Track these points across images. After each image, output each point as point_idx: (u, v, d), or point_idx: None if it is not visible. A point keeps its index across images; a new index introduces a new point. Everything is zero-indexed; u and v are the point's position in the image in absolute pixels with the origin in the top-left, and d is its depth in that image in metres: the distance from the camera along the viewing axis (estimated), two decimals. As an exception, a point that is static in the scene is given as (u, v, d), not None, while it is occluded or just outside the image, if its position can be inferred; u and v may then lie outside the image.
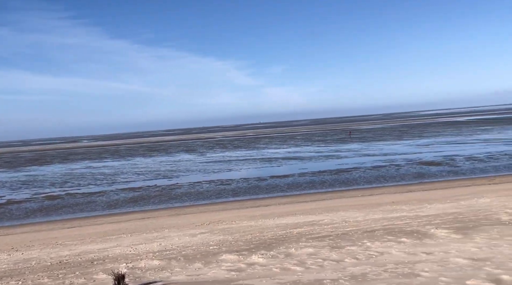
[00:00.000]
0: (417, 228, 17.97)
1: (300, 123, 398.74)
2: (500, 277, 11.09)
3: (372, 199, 30.92)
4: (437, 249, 14.43)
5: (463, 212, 21.20)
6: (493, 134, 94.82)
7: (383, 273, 12.04)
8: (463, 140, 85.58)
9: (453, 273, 11.66)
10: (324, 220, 22.17)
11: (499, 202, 23.63)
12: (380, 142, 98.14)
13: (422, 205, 24.72)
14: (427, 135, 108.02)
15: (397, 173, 48.96)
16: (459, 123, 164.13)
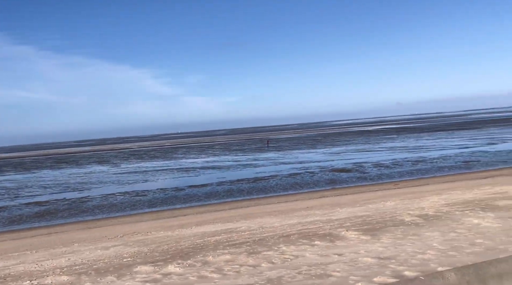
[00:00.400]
0: (330, 231, 18.72)
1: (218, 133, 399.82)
2: (403, 274, 11.87)
3: (288, 205, 31.72)
4: (348, 250, 15.12)
5: (371, 215, 22.48)
6: (398, 143, 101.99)
7: (298, 275, 12.35)
8: (371, 148, 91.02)
9: (362, 271, 12.27)
10: (241, 227, 22.30)
11: (403, 205, 25.39)
12: (296, 151, 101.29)
13: (334, 209, 25.82)
14: (339, 144, 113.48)
15: (312, 180, 50.78)
16: (367, 132, 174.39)
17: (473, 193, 27.77)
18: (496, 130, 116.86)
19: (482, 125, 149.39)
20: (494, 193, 26.78)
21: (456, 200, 25.36)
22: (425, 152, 73.84)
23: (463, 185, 33.86)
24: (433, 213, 21.12)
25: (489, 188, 29.82)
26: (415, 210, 22.42)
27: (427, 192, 31.57)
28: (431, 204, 24.23)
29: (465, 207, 22.06)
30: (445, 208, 22.38)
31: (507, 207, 21.19)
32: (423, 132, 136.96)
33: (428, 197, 27.67)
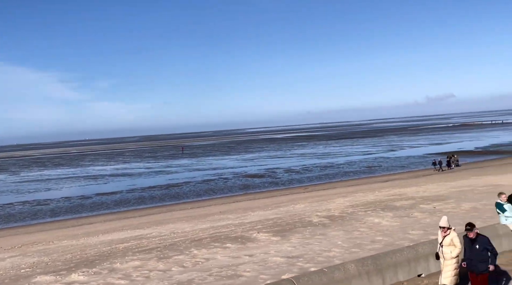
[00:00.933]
0: (242, 233, 18.90)
1: (130, 140, 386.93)
2: (310, 271, 12.32)
3: (201, 211, 31.53)
4: (259, 251, 15.37)
5: (282, 217, 23.08)
6: (308, 149, 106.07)
7: (209, 277, 12.30)
8: (282, 155, 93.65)
9: (271, 270, 12.53)
10: (152, 233, 21.73)
11: (311, 207, 26.39)
12: (210, 157, 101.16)
13: (246, 213, 26.13)
14: (252, 151, 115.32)
15: (225, 185, 50.99)
16: (279, 140, 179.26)
17: (375, 195, 29.67)
18: (395, 138, 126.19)
19: (383, 134, 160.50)
20: (393, 195, 28.84)
21: (359, 201, 26.91)
22: (332, 158, 77.55)
23: (366, 188, 36.04)
24: (338, 214, 22.19)
25: (389, 190, 32.07)
26: (322, 212, 23.40)
27: (334, 194, 33.15)
28: (337, 206, 25.46)
29: (368, 208, 23.47)
30: (350, 209, 23.63)
31: (404, 207, 22.90)
32: (331, 140, 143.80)
33: (335, 199, 29.06)
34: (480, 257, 8.39)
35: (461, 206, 21.78)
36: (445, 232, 8.74)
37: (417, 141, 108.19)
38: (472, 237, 8.53)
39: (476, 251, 8.42)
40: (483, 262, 8.39)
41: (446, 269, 8.68)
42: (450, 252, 8.66)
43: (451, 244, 8.69)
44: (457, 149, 74.52)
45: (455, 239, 8.71)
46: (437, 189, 30.02)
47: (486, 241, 8.52)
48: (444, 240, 8.72)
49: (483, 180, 32.65)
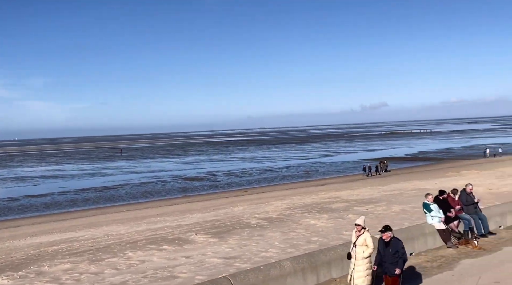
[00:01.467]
0: (179, 235, 18.62)
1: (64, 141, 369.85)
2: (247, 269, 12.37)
3: (138, 213, 30.75)
4: (196, 252, 15.22)
5: (220, 219, 23.02)
6: (248, 153, 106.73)
7: (143, 279, 12.00)
8: (223, 158, 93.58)
9: (208, 271, 12.44)
10: (84, 236, 20.87)
11: (250, 209, 26.55)
12: (149, 160, 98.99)
13: (184, 215, 25.80)
14: (192, 154, 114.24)
15: (163, 188, 50.08)
16: (220, 143, 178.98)
17: (311, 198, 30.39)
18: (332, 144, 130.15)
19: (321, 140, 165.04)
20: (329, 198, 29.69)
21: (297, 204, 27.44)
22: (272, 162, 78.56)
23: (304, 191, 36.84)
24: (276, 216, 22.48)
25: (325, 193, 32.97)
26: (260, 214, 23.61)
27: (272, 197, 33.57)
28: (275, 208, 25.79)
29: (304, 210, 23.97)
30: (287, 211, 24.02)
31: (339, 209, 23.64)
32: (271, 145, 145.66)
33: (273, 202, 29.43)
34: (391, 259, 8.43)
35: (391, 208, 22.82)
36: (359, 231, 8.71)
37: (352, 147, 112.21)
38: (386, 239, 8.56)
39: (389, 254, 8.46)
40: (395, 265, 8.44)
41: (357, 269, 8.64)
42: (363, 252, 8.61)
43: (364, 244, 8.64)
44: (389, 155, 78.15)
45: (368, 239, 8.67)
46: (370, 192, 31.27)
47: (400, 245, 8.56)
48: (357, 239, 8.68)
49: (412, 184, 34.44)
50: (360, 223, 8.73)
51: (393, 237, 8.62)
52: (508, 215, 14.44)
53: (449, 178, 34.98)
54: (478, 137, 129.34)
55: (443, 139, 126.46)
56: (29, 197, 46.23)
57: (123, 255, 15.18)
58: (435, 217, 12.04)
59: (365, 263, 8.60)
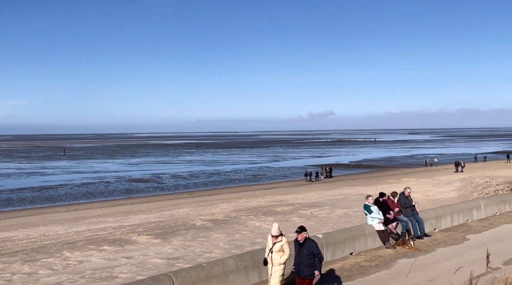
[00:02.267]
0: (121, 236, 18.11)
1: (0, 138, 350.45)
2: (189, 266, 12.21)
3: (78, 214, 29.60)
4: (138, 253, 14.85)
5: (165, 220, 22.63)
6: (196, 156, 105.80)
7: (80, 279, 11.55)
8: (170, 161, 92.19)
9: (150, 271, 12.16)
10: (19, 236, 19.81)
11: (196, 211, 26.30)
12: (92, 160, 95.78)
13: (127, 216, 25.14)
14: (139, 155, 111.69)
15: (106, 189, 48.56)
16: (167, 146, 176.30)
17: (257, 201, 30.56)
18: (280, 150, 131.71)
19: (269, 145, 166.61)
20: (275, 201, 29.99)
21: (243, 206, 27.50)
22: (220, 166, 78.32)
23: (250, 194, 36.98)
24: (222, 218, 22.42)
25: (271, 197, 33.27)
26: (206, 216, 23.46)
27: (219, 200, 33.45)
28: (221, 210, 25.72)
29: (250, 213, 24.07)
30: (233, 214, 24.02)
31: (284, 212, 23.94)
32: (219, 148, 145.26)
33: (219, 204, 29.33)
34: (306, 261, 8.14)
35: (335, 212, 23.40)
36: (275, 239, 8.46)
37: (299, 153, 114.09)
38: (301, 240, 8.24)
39: (303, 255, 8.17)
40: (309, 267, 8.14)
41: (274, 275, 8.39)
42: (279, 258, 8.38)
43: (281, 250, 8.41)
44: (335, 162, 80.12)
45: (285, 245, 8.44)
46: (315, 196, 31.90)
47: (314, 245, 8.27)
48: (274, 246, 8.42)
49: (355, 190, 35.49)
50: (275, 234, 8.44)
51: (307, 238, 8.33)
52: (443, 218, 15.18)
53: (390, 185, 36.30)
54: (418, 147, 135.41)
55: (385, 148, 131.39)
56: (-41, 196, 43.38)
57: (59, 256, 14.55)
58: (375, 218, 12.45)
59: (280, 269, 8.41)
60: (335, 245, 11.48)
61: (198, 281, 8.36)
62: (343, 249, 11.67)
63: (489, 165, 59.63)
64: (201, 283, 8.43)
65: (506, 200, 18.44)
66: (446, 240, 13.53)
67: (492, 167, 54.33)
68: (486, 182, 33.38)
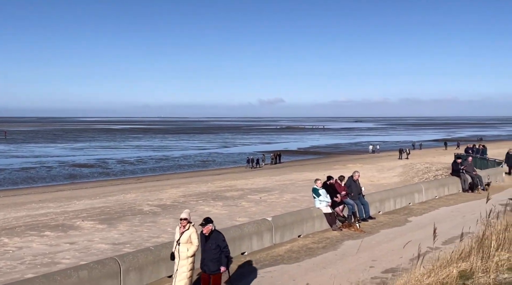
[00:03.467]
0: (63, 221, 17.45)
1: None
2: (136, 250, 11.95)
3: (16, 199, 28.20)
4: (82, 238, 14.37)
5: (111, 206, 22.03)
6: (143, 142, 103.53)
7: (20, 265, 11.01)
8: (116, 146, 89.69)
9: (94, 257, 11.79)
10: (-50, 223, 18.56)
11: (143, 197, 25.80)
12: (33, 144, 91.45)
13: (71, 202, 24.25)
14: (83, 140, 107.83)
15: (48, 174, 46.56)
16: (114, 130, 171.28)
17: (207, 186, 30.41)
18: (229, 136, 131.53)
19: (219, 131, 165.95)
20: (224, 186, 29.97)
21: (192, 192, 27.27)
22: (168, 151, 77.13)
23: (199, 180, 36.72)
24: (170, 203, 22.14)
25: (220, 182, 33.22)
26: (154, 201, 23.07)
27: (167, 185, 32.97)
28: (170, 196, 25.38)
29: (199, 198, 23.92)
30: (182, 199, 23.78)
31: (233, 197, 23.97)
32: (168, 134, 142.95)
33: (168, 190, 28.92)
34: (212, 255, 7.46)
35: (283, 197, 23.72)
36: (184, 226, 7.54)
37: (249, 140, 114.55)
38: (206, 233, 7.51)
39: (209, 249, 7.47)
40: (215, 262, 7.49)
41: (180, 270, 7.46)
42: (187, 250, 7.46)
43: (189, 241, 7.50)
44: (284, 148, 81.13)
45: (193, 236, 7.53)
46: (264, 182, 32.18)
47: (220, 238, 7.57)
48: (181, 237, 7.50)
49: (303, 175, 36.14)
50: (186, 217, 7.55)
51: (214, 230, 7.61)
52: (386, 201, 15.74)
53: (337, 171, 37.22)
54: (362, 135, 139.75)
55: (332, 136, 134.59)
56: None
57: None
58: (322, 202, 12.70)
59: (188, 263, 7.51)
60: (284, 227, 11.60)
61: (145, 265, 8.17)
62: (291, 232, 11.82)
63: (429, 152, 62.59)
64: (148, 266, 8.25)
65: (445, 184, 19.40)
66: (389, 222, 14.05)
67: (431, 154, 57.08)
68: (426, 168, 35.02)
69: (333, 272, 8.99)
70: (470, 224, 9.59)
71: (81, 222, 17.19)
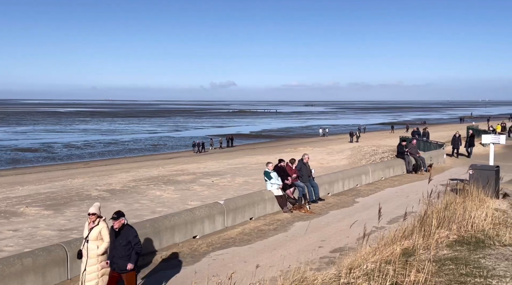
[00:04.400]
0: (6, 208, 16.70)
1: None
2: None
3: (-47, 186, 26.59)
4: (26, 225, 13.82)
5: (57, 191, 21.28)
6: (91, 125, 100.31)
7: (-43, 255, 10.44)
8: (62, 130, 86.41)
9: (40, 244, 11.40)
10: None
11: (91, 181, 25.07)
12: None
13: (13, 188, 23.20)
14: (26, 123, 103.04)
15: (-13, 160, 44.29)
16: (59, 113, 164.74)
17: (158, 171, 29.98)
18: (181, 120, 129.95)
19: (170, 115, 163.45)
20: (176, 170, 29.66)
21: (142, 176, 26.80)
22: (118, 135, 75.21)
23: (150, 164, 36.16)
24: (120, 188, 21.66)
25: (172, 166, 32.84)
26: (103, 186, 22.50)
27: (117, 170, 32.22)
28: (119, 180, 24.82)
29: (150, 182, 23.55)
30: (132, 183, 23.32)
31: (185, 181, 23.78)
32: (117, 117, 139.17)
33: (117, 174, 28.26)
34: (123, 252, 6.80)
35: (235, 180, 23.80)
36: (93, 222, 6.92)
37: (201, 123, 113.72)
38: (117, 228, 6.85)
39: (119, 245, 6.82)
40: (124, 259, 6.81)
41: (90, 269, 6.80)
42: (97, 248, 6.83)
43: (99, 238, 6.86)
44: (236, 132, 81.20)
45: (104, 231, 6.87)
46: (216, 165, 32.13)
47: (132, 233, 6.92)
48: (90, 233, 6.87)
49: (255, 158, 36.41)
50: (95, 212, 6.92)
51: (125, 225, 6.95)
52: (335, 183, 16.18)
53: (288, 154, 37.76)
54: (313, 118, 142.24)
55: (284, 120, 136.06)
56: None
57: None
58: (274, 184, 12.87)
59: (99, 261, 6.85)
60: (235, 210, 11.68)
61: (94, 251, 7.96)
62: (243, 215, 11.92)
63: (376, 135, 64.70)
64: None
65: (390, 166, 20.17)
66: (338, 203, 14.47)
67: (378, 137, 59.05)
68: (373, 150, 36.21)
69: (284, 253, 9.18)
70: (413, 203, 10.07)
71: (25, 208, 16.52)
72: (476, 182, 12.01)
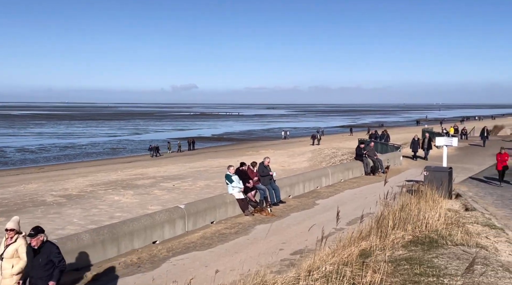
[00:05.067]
0: (-48, 217, 15.87)
1: None
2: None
3: None
4: (-25, 234, 13.20)
5: (9, 197, 20.45)
6: (46, 129, 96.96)
7: None
8: (15, 133, 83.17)
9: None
10: None
11: (46, 187, 24.22)
12: None
13: (-39, 195, 22.05)
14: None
15: None
16: (12, 116, 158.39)
17: (117, 175, 29.32)
18: (141, 123, 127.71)
19: (130, 117, 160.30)
20: (136, 174, 29.10)
21: (100, 181, 26.14)
22: (75, 139, 73.07)
23: (109, 168, 35.31)
24: (76, 193, 21.04)
25: (131, 170, 32.20)
26: (58, 191, 21.79)
27: (73, 174, 31.28)
28: (76, 185, 24.11)
29: (109, 187, 23.00)
30: (90, 188, 22.70)
31: (145, 185, 23.37)
32: (74, 120, 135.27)
33: (74, 179, 27.44)
34: (42, 273, 6.13)
35: (197, 184, 23.61)
36: (11, 238, 6.29)
37: (162, 126, 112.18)
38: (35, 245, 6.13)
39: (38, 265, 6.14)
40: (45, 280, 6.14)
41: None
42: (11, 267, 6.19)
43: (16, 256, 6.22)
44: (197, 135, 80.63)
45: (21, 249, 6.25)
46: (177, 169, 31.76)
47: (54, 251, 6.26)
48: (6, 250, 6.22)
49: (217, 161, 36.25)
50: (13, 227, 6.32)
51: (46, 242, 6.28)
52: (296, 186, 16.36)
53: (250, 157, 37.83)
54: (275, 121, 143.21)
55: (246, 122, 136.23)
56: None
57: None
58: (235, 187, 12.86)
59: (14, 281, 6.22)
60: (196, 214, 11.58)
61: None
62: (204, 218, 11.84)
63: (336, 138, 65.86)
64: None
65: (349, 168, 20.59)
66: (298, 206, 14.63)
67: (338, 139, 60.16)
68: (333, 153, 36.86)
69: (244, 257, 9.17)
70: (371, 205, 10.31)
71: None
72: (430, 183, 12.44)
